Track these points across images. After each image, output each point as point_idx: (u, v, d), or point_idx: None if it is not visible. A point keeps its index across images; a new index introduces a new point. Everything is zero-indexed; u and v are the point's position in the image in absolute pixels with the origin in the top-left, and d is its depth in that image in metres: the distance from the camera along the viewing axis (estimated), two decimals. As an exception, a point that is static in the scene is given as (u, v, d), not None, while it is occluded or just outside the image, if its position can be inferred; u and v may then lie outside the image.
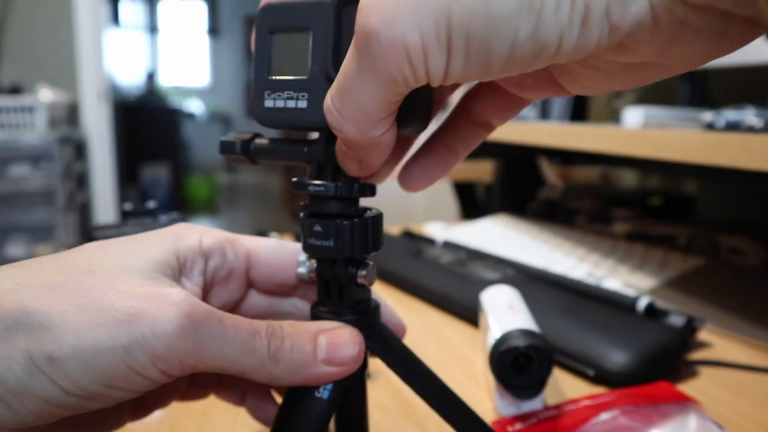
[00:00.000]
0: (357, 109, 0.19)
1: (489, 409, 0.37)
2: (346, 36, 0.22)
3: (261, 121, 0.24)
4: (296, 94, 0.23)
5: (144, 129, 3.90)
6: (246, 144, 0.25)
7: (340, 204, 0.24)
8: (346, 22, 0.22)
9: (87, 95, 2.52)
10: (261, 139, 0.25)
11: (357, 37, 0.18)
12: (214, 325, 0.21)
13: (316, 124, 0.23)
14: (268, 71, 0.24)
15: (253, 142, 0.25)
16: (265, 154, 0.25)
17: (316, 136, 0.24)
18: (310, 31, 0.22)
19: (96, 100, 2.53)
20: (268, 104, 0.24)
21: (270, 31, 0.23)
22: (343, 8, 0.22)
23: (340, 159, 0.23)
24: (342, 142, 0.21)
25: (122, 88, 4.05)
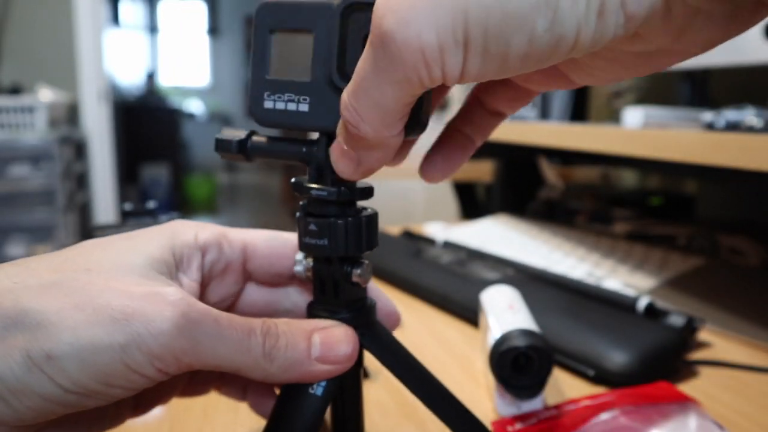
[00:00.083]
0: (375, 108, 0.19)
1: (489, 409, 0.37)
2: (351, 43, 0.22)
3: (260, 121, 0.24)
4: (297, 97, 0.23)
5: (144, 129, 3.90)
6: (242, 142, 0.25)
7: (338, 205, 0.24)
8: (352, 29, 0.22)
9: (87, 95, 2.52)
10: (258, 137, 0.25)
11: (372, 38, 0.18)
12: (209, 323, 0.21)
13: (317, 127, 0.23)
14: (266, 70, 0.23)
15: (250, 140, 0.25)
16: (262, 152, 0.25)
17: (315, 136, 0.24)
18: (312, 33, 0.22)
19: (96, 100, 2.53)
20: (268, 105, 0.24)
21: (270, 30, 0.23)
22: (349, 15, 0.21)
23: (336, 159, 0.22)
24: (350, 140, 0.21)
25: (122, 88, 4.05)
